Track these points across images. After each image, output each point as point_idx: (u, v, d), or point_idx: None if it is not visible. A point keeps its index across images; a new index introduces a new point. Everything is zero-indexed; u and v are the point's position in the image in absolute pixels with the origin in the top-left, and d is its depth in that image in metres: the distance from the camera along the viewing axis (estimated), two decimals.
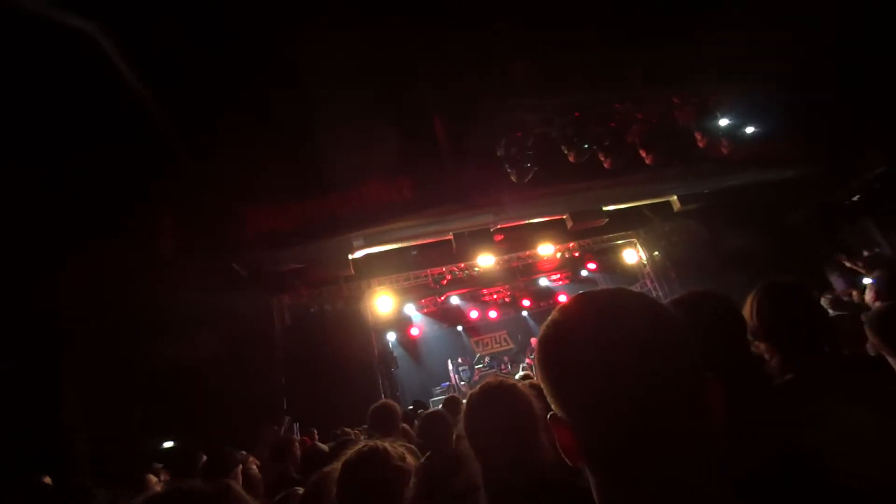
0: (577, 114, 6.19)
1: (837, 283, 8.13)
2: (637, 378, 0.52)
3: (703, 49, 5.81)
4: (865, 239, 8.88)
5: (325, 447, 3.38)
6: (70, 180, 5.02)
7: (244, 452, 4.48)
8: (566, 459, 0.60)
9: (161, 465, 4.09)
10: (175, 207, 6.03)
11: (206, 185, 5.88)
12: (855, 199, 8.68)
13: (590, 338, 0.57)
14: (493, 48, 5.64)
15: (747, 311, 1.49)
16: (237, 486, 0.69)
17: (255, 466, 4.50)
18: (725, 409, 0.56)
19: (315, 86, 5.33)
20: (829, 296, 4.64)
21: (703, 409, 0.54)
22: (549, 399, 0.61)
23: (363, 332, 8.45)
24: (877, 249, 8.88)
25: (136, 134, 5.05)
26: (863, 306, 3.83)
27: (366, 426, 2.85)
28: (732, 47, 5.77)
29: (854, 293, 5.18)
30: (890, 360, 1.78)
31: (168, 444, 5.86)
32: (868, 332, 1.87)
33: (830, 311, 3.81)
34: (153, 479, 3.95)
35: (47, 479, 2.94)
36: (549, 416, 0.62)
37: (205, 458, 3.87)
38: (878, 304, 2.77)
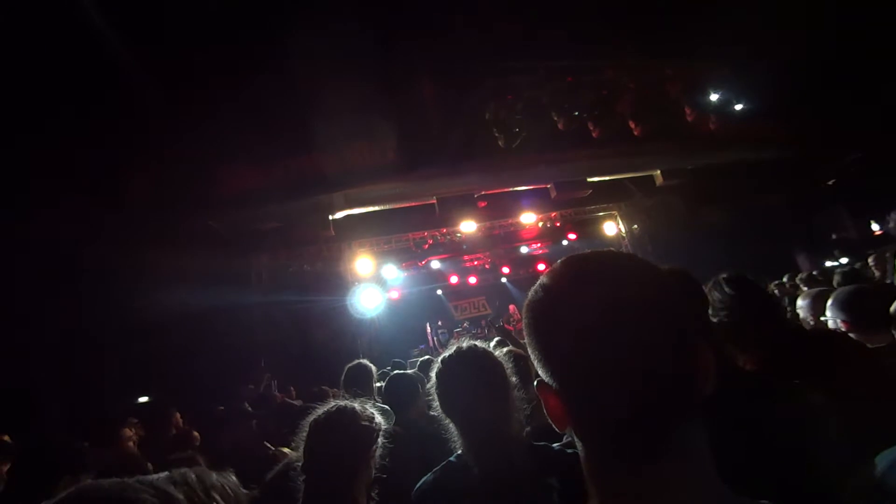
0: (569, 79, 6.05)
1: (804, 263, 8.46)
2: (628, 344, 0.51)
3: (702, 22, 5.68)
4: (836, 222, 9.18)
5: (295, 402, 3.42)
6: (39, 133, 4.71)
7: (222, 408, 4.51)
8: (553, 426, 0.59)
9: (136, 421, 4.10)
10: (149, 163, 5.74)
11: (182, 140, 5.60)
12: (830, 183, 8.90)
13: (580, 302, 0.54)
14: (485, 8, 5.39)
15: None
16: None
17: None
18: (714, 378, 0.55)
19: (298, 43, 5.03)
20: (804, 275, 4.82)
21: (693, 376, 0.53)
22: (536, 364, 0.59)
23: (342, 294, 8.43)
24: (844, 234, 9.21)
25: (108, 87, 4.72)
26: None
27: (340, 387, 2.87)
28: (730, 23, 5.65)
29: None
30: (854, 335, 1.87)
31: (142, 400, 5.86)
32: (835, 311, 1.94)
33: (805, 288, 3.97)
34: (128, 432, 3.96)
35: (6, 438, 2.87)
36: (536, 382, 0.60)
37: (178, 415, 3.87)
38: None
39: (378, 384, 3.48)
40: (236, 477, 0.69)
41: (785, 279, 5.43)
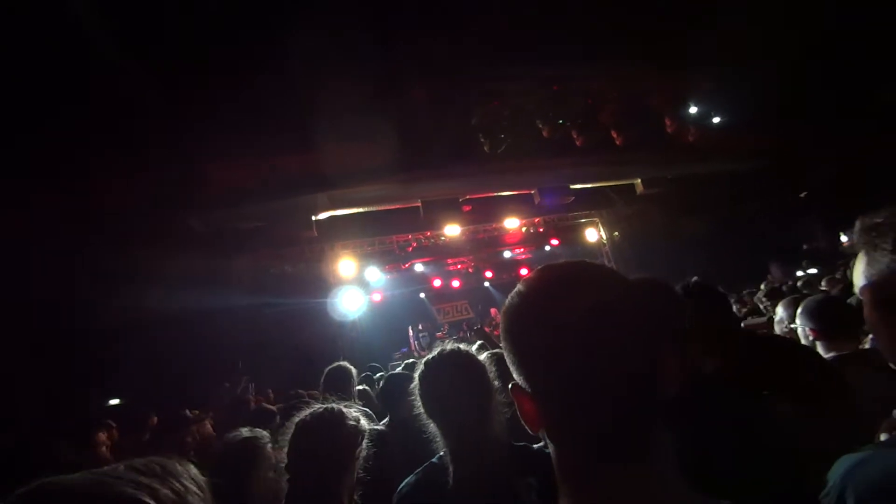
0: (555, 88, 6.15)
1: (776, 272, 8.75)
2: (601, 349, 0.53)
3: (686, 35, 5.82)
4: (808, 233, 9.52)
5: (272, 407, 3.37)
6: (17, 125, 4.53)
7: (197, 412, 4.42)
8: (526, 427, 0.61)
9: (113, 425, 3.99)
10: (128, 159, 5.59)
11: (164, 139, 5.47)
12: (803, 195, 9.23)
13: (553, 309, 0.56)
14: (475, 15, 5.42)
15: None
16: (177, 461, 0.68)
17: (209, 425, 4.46)
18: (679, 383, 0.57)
19: (287, 44, 4.98)
20: (764, 289, 4.97)
21: (659, 381, 0.55)
22: (511, 368, 0.61)
23: (324, 295, 8.35)
24: (815, 244, 9.56)
25: (90, 86, 4.59)
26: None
27: (320, 389, 2.85)
28: (714, 38, 5.80)
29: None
30: (818, 343, 1.95)
31: (114, 402, 5.70)
32: (803, 319, 2.03)
33: (766, 301, 4.11)
34: (101, 436, 3.85)
35: None
36: (510, 386, 0.62)
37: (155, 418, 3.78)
38: None
39: (358, 387, 3.46)
40: None
41: (762, 286, 5.60)
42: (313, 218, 6.92)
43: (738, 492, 0.61)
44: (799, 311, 2.10)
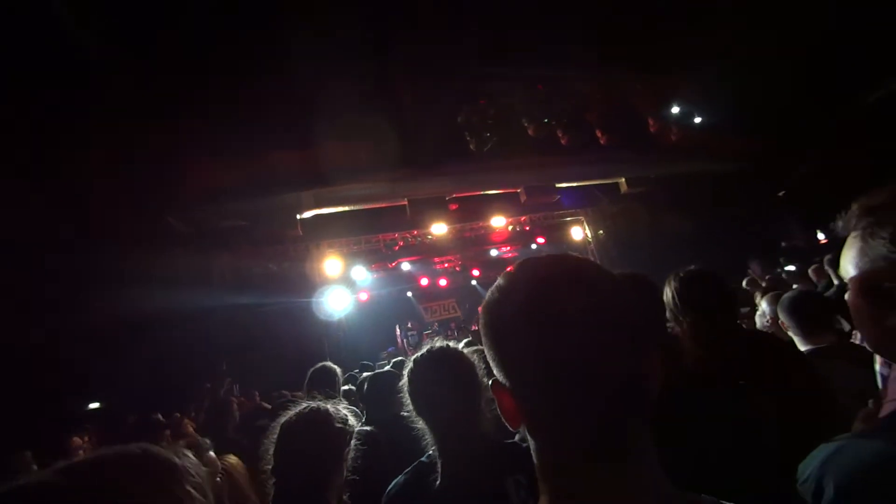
0: (539, 87, 6.19)
1: (755, 269, 8.95)
2: (577, 345, 0.52)
3: (671, 38, 5.88)
4: (786, 231, 9.77)
5: (267, 406, 3.34)
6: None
7: (178, 415, 4.34)
8: (506, 423, 0.60)
9: (91, 428, 3.91)
10: (106, 155, 5.44)
11: (147, 136, 5.32)
12: (781, 194, 9.47)
13: (533, 303, 0.55)
14: (464, 15, 5.41)
15: (668, 294, 1.58)
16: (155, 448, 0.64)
17: (190, 427, 4.38)
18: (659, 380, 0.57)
19: (272, 34, 4.89)
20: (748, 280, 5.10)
21: (644, 377, 0.55)
22: (491, 364, 0.60)
23: (309, 295, 8.26)
24: (793, 242, 9.81)
25: (73, 83, 4.45)
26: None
27: (304, 390, 2.82)
28: (700, 43, 5.88)
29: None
30: (795, 338, 2.00)
31: (93, 406, 5.57)
32: (780, 314, 2.08)
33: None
34: (77, 441, 3.77)
35: None
36: (491, 382, 0.61)
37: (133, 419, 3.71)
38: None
39: (345, 387, 3.44)
40: None
41: (744, 283, 5.76)
42: (298, 216, 6.84)
43: (732, 491, 0.62)
44: (777, 306, 2.16)
